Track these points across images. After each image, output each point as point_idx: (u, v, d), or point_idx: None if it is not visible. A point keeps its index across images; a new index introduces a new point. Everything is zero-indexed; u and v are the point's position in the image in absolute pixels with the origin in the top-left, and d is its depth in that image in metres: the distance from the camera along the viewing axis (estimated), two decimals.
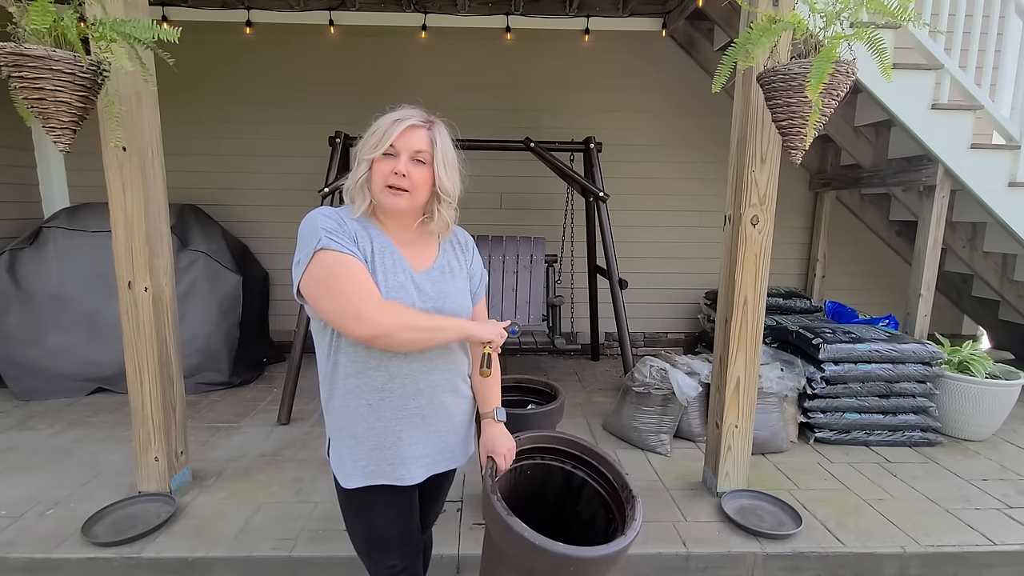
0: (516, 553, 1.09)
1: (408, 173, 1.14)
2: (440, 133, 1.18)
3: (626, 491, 1.25)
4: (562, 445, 1.39)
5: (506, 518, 1.08)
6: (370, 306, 1.10)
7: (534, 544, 1.04)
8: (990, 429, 2.94)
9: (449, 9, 3.99)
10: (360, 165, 1.18)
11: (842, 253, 4.47)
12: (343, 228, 1.15)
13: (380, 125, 1.16)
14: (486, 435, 1.35)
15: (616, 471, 1.32)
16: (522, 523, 1.07)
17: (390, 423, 1.22)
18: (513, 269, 3.60)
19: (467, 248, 1.36)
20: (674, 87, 4.23)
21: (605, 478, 1.34)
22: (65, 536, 1.98)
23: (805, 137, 1.69)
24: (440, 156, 1.17)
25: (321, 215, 1.17)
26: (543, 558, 1.05)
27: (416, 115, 1.17)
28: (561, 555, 1.03)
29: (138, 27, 1.62)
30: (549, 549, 1.03)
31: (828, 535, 2.09)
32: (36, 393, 3.31)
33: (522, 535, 1.05)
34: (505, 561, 1.17)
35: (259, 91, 4.10)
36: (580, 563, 1.05)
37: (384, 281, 1.16)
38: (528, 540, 1.05)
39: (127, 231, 2.04)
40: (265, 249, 4.24)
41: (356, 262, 1.12)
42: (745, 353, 2.22)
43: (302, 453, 2.68)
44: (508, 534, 1.08)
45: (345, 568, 1.88)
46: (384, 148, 1.14)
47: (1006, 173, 3.00)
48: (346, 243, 1.13)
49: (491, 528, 1.17)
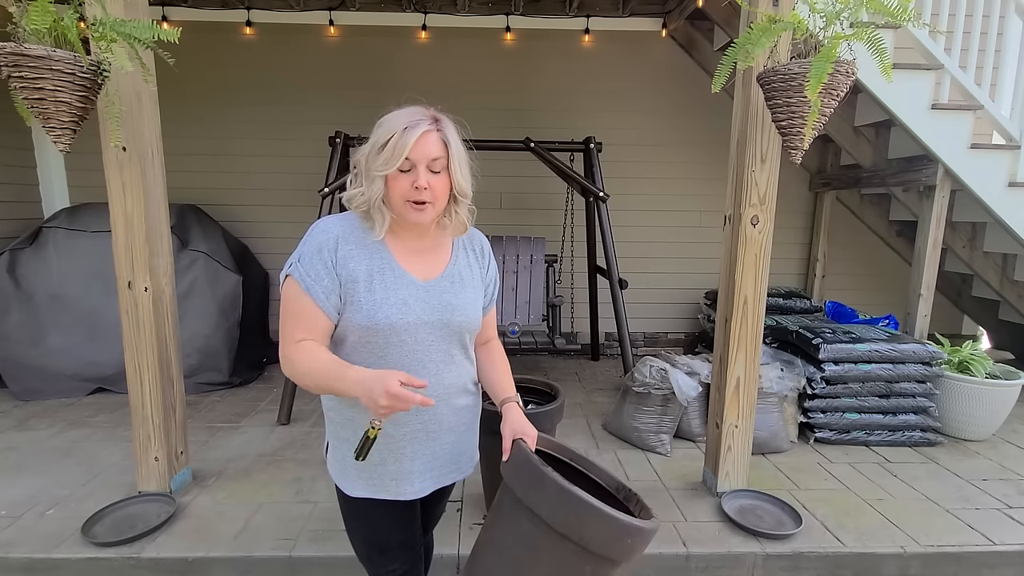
0: (575, 525, 1.02)
1: (429, 185, 1.09)
2: (450, 133, 1.13)
3: (623, 491, 1.19)
4: (552, 450, 1.29)
5: (566, 486, 1.01)
6: (287, 348, 1.12)
7: (603, 512, 0.99)
8: (990, 429, 2.94)
9: (449, 9, 3.99)
10: (374, 181, 1.11)
11: (842, 253, 4.47)
12: (322, 255, 1.12)
13: (389, 135, 1.08)
14: (513, 419, 1.23)
15: (607, 474, 1.24)
16: (584, 492, 1.02)
17: (393, 439, 1.19)
18: (513, 269, 3.60)
19: (483, 254, 1.31)
20: (674, 87, 4.23)
21: (596, 485, 1.24)
22: (65, 536, 1.98)
23: (805, 137, 1.69)
24: (455, 159, 1.12)
25: (317, 232, 1.15)
26: (606, 526, 1.00)
27: (423, 118, 1.10)
28: (626, 524, 0.99)
29: (138, 27, 1.62)
30: (617, 517, 0.99)
31: (828, 535, 2.09)
32: (36, 393, 3.31)
33: (590, 503, 0.99)
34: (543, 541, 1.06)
35: (259, 91, 4.10)
36: (641, 534, 1.01)
37: (384, 299, 1.13)
38: (596, 508, 0.99)
39: (127, 231, 2.04)
40: (265, 249, 4.24)
41: (304, 300, 1.11)
42: (745, 353, 2.22)
43: (302, 453, 2.68)
44: (569, 503, 1.01)
45: (345, 568, 1.88)
46: (399, 163, 1.07)
47: (1006, 173, 3.00)
48: (309, 276, 1.11)
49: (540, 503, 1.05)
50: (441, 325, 1.19)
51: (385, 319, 1.13)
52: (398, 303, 1.14)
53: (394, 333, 1.14)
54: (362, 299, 1.13)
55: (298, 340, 1.12)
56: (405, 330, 1.15)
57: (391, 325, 1.13)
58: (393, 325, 1.13)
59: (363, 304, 1.12)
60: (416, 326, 1.16)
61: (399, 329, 1.14)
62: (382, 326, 1.13)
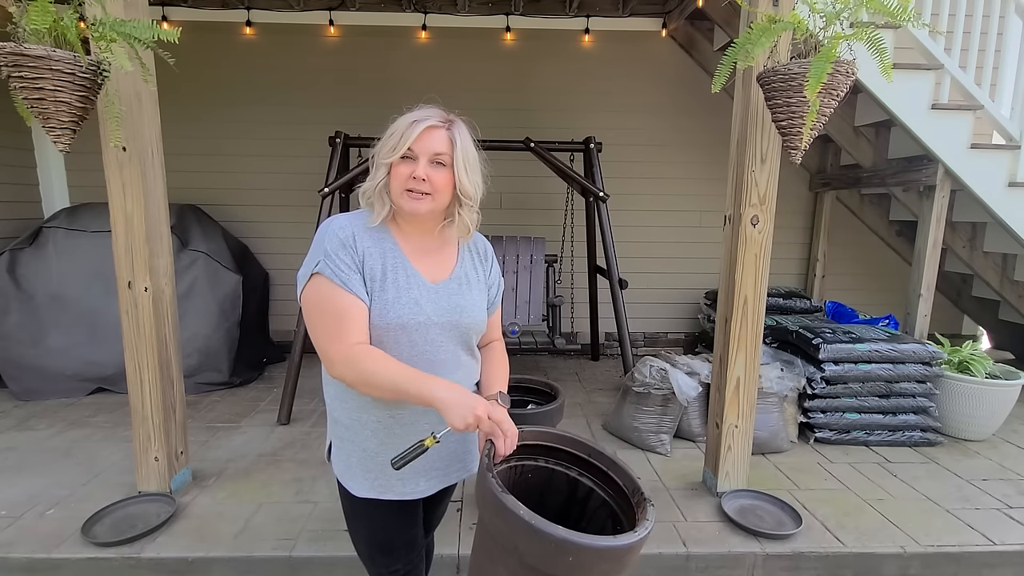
0: (508, 537, 1.00)
1: (428, 177, 1.10)
2: (460, 133, 1.14)
3: (637, 495, 1.15)
4: (568, 446, 1.28)
5: (500, 495, 0.99)
6: (342, 348, 1.08)
7: (530, 525, 0.95)
8: (990, 429, 2.94)
9: (449, 9, 3.99)
10: (378, 170, 1.14)
11: (842, 253, 4.47)
12: (348, 249, 1.11)
13: (397, 127, 1.11)
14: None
15: (627, 475, 1.20)
16: (517, 501, 0.98)
17: (401, 440, 1.18)
18: (513, 269, 3.59)
19: (486, 258, 1.32)
20: (674, 87, 4.23)
21: (615, 485, 1.22)
22: (65, 536, 1.98)
23: (804, 137, 1.69)
24: (460, 158, 1.12)
25: (334, 228, 1.13)
26: (539, 542, 0.96)
27: (435, 115, 1.12)
28: (560, 539, 0.94)
29: (138, 27, 1.62)
30: (546, 531, 0.94)
31: (828, 535, 2.09)
32: (36, 393, 3.31)
33: (517, 514, 0.96)
34: (496, 550, 1.07)
35: (258, 91, 4.10)
36: (582, 552, 0.95)
37: (396, 299, 1.13)
38: (523, 520, 0.95)
39: (127, 231, 2.04)
40: (265, 249, 4.23)
41: (344, 296, 1.09)
42: (745, 353, 2.22)
43: (302, 453, 2.68)
44: (502, 514, 0.99)
45: (345, 568, 1.88)
46: (402, 151, 1.09)
47: (1006, 173, 3.00)
48: (342, 271, 1.09)
49: (483, 510, 1.06)
50: (450, 326, 1.19)
51: (397, 318, 1.13)
52: (410, 303, 1.15)
53: (404, 333, 1.14)
54: (376, 297, 1.13)
55: (355, 341, 1.09)
56: (416, 330, 1.15)
57: (402, 324, 1.14)
58: (404, 325, 1.14)
59: (376, 302, 1.13)
60: (426, 326, 1.16)
61: (410, 329, 1.15)
62: (393, 325, 1.13)
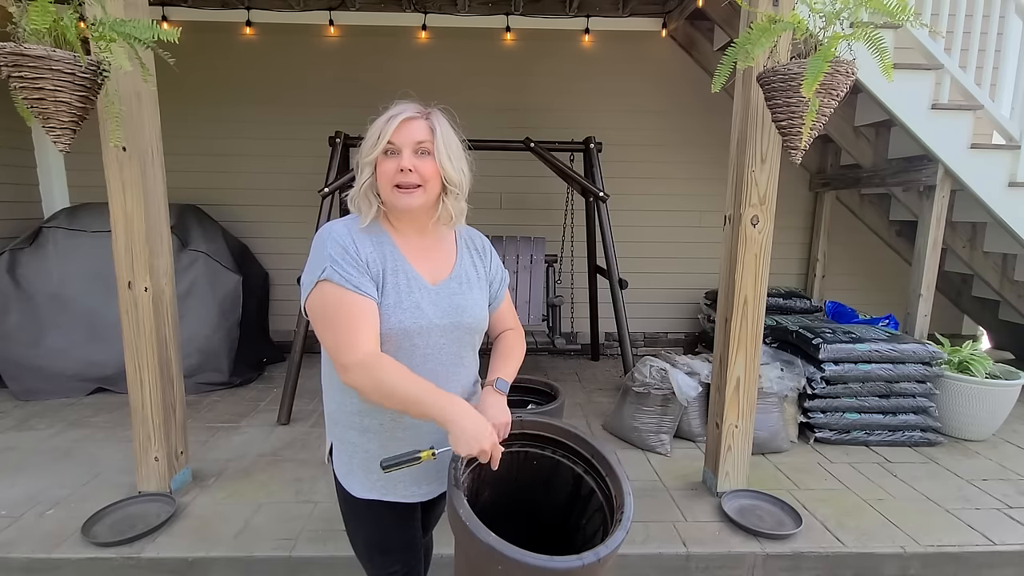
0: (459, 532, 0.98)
1: (415, 167, 1.08)
2: (439, 121, 1.12)
3: (618, 513, 1.09)
4: (575, 443, 1.24)
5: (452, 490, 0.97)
6: (353, 358, 1.04)
7: (466, 525, 0.92)
8: (990, 429, 2.94)
9: (449, 9, 3.99)
10: (363, 171, 1.12)
11: (842, 253, 4.47)
12: (351, 254, 1.09)
13: (376, 125, 1.11)
14: (487, 404, 1.19)
15: (620, 487, 1.14)
16: (464, 500, 0.96)
17: (404, 444, 1.17)
18: (513, 269, 3.59)
19: (485, 254, 1.31)
20: (674, 87, 4.23)
21: (608, 493, 1.18)
22: (65, 536, 1.98)
23: (804, 137, 1.69)
24: (442, 144, 1.11)
25: (334, 234, 1.11)
26: (474, 544, 0.93)
27: (411, 107, 1.12)
28: (489, 546, 0.91)
29: (138, 27, 1.62)
30: (480, 536, 0.92)
31: (828, 535, 2.09)
32: (36, 393, 3.31)
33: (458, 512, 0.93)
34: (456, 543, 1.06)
35: (259, 91, 4.10)
36: (510, 563, 0.91)
37: (397, 302, 1.12)
38: (462, 520, 0.93)
39: (127, 231, 2.04)
40: (265, 249, 4.23)
41: (355, 299, 1.06)
42: (745, 353, 2.22)
43: (302, 453, 2.68)
44: (452, 508, 0.97)
45: (345, 568, 1.88)
46: (383, 145, 1.09)
47: (1006, 173, 3.00)
48: (351, 274, 1.07)
49: (452, 526, 1.03)
50: (453, 328, 1.18)
51: (399, 323, 1.11)
52: (411, 307, 1.13)
53: (407, 337, 1.13)
54: (378, 301, 1.11)
55: (369, 345, 1.06)
56: (418, 334, 1.14)
57: (404, 329, 1.12)
58: (407, 329, 1.12)
59: (378, 307, 1.11)
60: (428, 329, 1.15)
61: (412, 333, 1.13)
62: (395, 330, 1.11)
